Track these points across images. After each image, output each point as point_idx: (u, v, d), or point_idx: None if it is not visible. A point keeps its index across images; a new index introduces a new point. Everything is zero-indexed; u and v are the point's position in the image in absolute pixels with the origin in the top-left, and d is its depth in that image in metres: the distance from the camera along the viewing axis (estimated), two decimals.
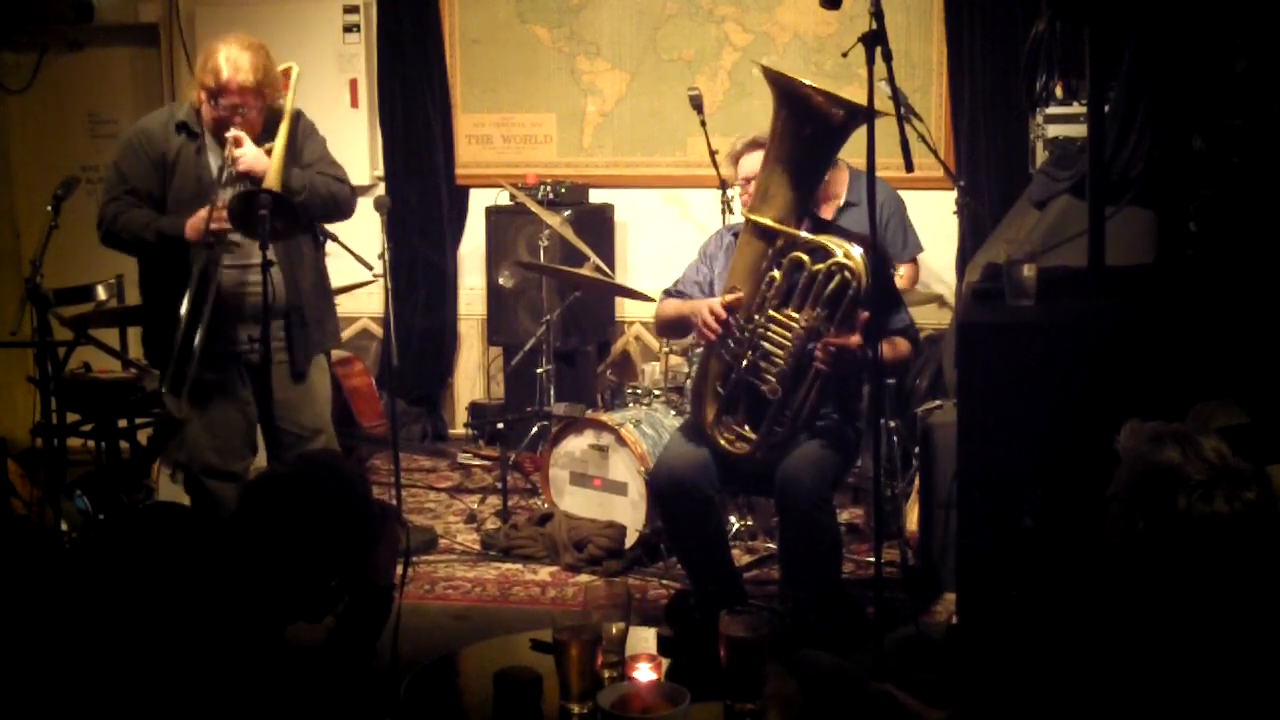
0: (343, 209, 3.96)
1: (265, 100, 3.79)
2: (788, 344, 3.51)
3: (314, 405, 3.99)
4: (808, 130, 3.45)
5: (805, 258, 3.48)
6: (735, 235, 3.81)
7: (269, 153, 3.74)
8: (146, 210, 3.80)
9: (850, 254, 3.43)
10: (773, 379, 3.52)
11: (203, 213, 3.67)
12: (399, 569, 2.22)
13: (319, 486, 2.03)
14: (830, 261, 3.44)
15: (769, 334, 3.53)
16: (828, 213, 4.69)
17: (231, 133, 3.72)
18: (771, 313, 3.53)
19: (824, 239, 3.48)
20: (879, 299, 3.39)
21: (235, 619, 1.98)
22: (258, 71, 3.73)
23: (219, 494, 3.89)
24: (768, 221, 3.52)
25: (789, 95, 3.45)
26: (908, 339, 3.69)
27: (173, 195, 3.80)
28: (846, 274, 3.42)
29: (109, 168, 3.92)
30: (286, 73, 3.90)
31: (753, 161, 3.82)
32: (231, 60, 3.70)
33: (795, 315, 3.50)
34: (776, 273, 3.52)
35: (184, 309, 3.67)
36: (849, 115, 3.38)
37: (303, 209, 3.73)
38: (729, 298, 3.56)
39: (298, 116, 3.88)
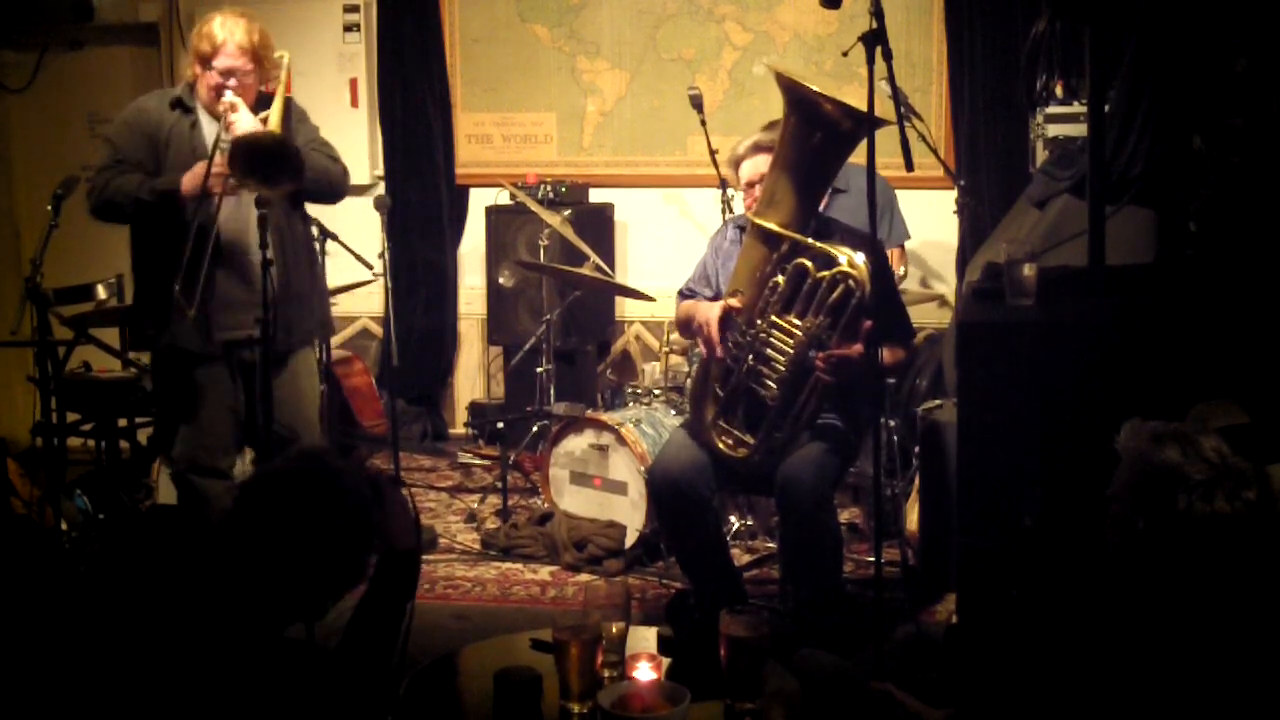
0: (336, 187, 3.93)
1: (260, 68, 3.77)
2: (789, 351, 3.50)
3: (300, 406, 3.97)
4: (817, 136, 3.44)
5: (809, 264, 3.46)
6: (740, 229, 3.80)
7: (264, 122, 3.70)
8: (140, 175, 3.76)
9: (854, 262, 3.41)
10: (773, 385, 3.51)
11: (200, 166, 3.63)
12: (417, 531, 2.24)
13: (308, 479, 2.07)
14: (835, 270, 3.42)
15: (771, 340, 3.52)
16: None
17: (227, 98, 3.68)
18: (774, 318, 3.51)
19: (829, 246, 3.46)
20: (882, 306, 3.38)
21: (233, 620, 1.98)
22: (252, 33, 3.73)
23: (206, 491, 3.88)
24: (773, 226, 3.50)
25: (800, 101, 3.43)
26: (905, 345, 3.69)
27: (167, 170, 3.77)
28: (850, 283, 3.40)
29: (102, 143, 3.89)
30: (279, 61, 3.87)
31: (755, 165, 3.80)
32: (227, 25, 3.72)
33: (797, 322, 3.49)
34: (780, 278, 3.51)
35: (186, 257, 3.61)
36: (858, 123, 3.36)
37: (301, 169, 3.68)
38: (731, 302, 3.56)
39: (290, 100, 3.86)
